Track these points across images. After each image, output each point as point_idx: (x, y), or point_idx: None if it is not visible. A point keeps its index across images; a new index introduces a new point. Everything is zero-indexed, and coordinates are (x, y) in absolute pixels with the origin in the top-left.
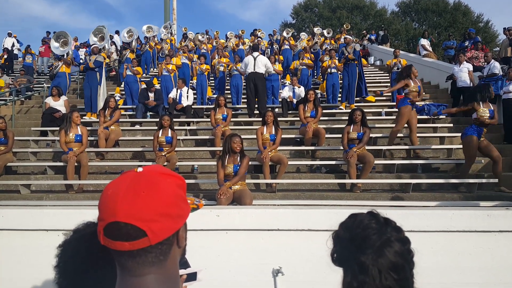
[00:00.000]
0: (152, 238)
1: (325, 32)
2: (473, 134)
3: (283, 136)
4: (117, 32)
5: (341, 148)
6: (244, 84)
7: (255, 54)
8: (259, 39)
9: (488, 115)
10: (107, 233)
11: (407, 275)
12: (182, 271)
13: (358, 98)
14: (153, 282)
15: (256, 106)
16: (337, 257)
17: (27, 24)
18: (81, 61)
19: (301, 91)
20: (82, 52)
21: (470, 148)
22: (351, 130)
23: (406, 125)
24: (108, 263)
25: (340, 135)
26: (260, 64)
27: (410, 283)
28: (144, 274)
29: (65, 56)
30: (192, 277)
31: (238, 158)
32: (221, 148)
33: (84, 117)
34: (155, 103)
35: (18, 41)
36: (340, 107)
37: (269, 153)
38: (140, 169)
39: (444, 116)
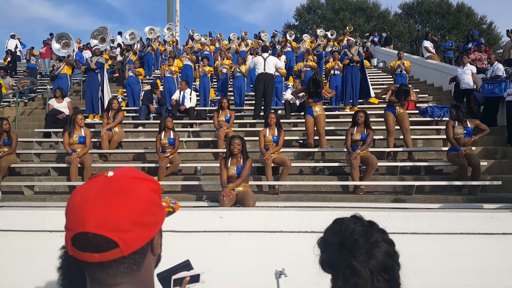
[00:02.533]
0: (125, 248)
1: (328, 34)
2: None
3: (286, 138)
4: (119, 33)
5: (345, 150)
6: (252, 86)
7: (265, 55)
8: (260, 41)
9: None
10: (75, 243)
11: (396, 276)
12: (185, 273)
13: (361, 100)
14: None
15: (262, 107)
16: (326, 262)
17: (31, 26)
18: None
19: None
20: (86, 54)
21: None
22: (354, 132)
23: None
24: None
25: (343, 137)
26: (270, 65)
27: (399, 284)
28: (115, 285)
29: (66, 58)
30: (195, 279)
31: (241, 160)
32: (224, 150)
33: (86, 119)
34: (154, 110)
35: (21, 43)
36: (346, 109)
37: (272, 155)
38: (110, 173)
39: (447, 118)
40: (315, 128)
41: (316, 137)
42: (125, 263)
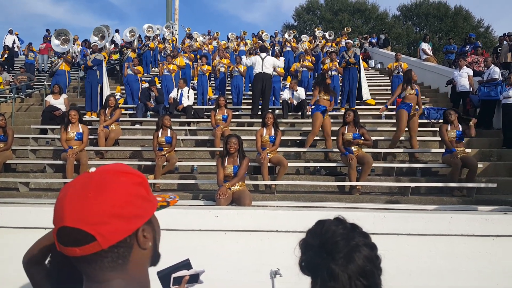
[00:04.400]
0: (103, 242)
1: (326, 34)
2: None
3: (283, 137)
4: (117, 31)
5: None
6: (250, 85)
7: (263, 55)
8: (259, 41)
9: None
10: (58, 238)
11: (376, 281)
12: (185, 272)
13: (358, 101)
14: (118, 287)
15: (260, 107)
16: (306, 265)
17: (30, 22)
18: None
19: (299, 93)
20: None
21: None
22: (346, 132)
23: (406, 129)
24: None
25: (334, 138)
26: (268, 64)
27: None
28: (106, 280)
29: (65, 54)
30: (194, 278)
31: (238, 159)
32: (220, 149)
33: (84, 116)
34: (153, 105)
35: (19, 39)
36: (341, 110)
37: (269, 154)
38: (92, 169)
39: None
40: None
41: (317, 137)
42: (108, 257)
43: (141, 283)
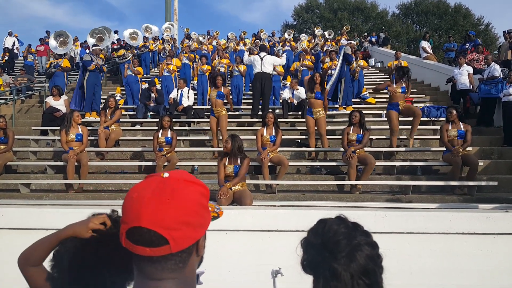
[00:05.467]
0: (174, 246)
1: (326, 33)
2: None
3: (284, 137)
4: (116, 32)
5: (341, 149)
6: (250, 85)
7: (262, 54)
8: (258, 40)
9: None
10: (129, 236)
11: (378, 280)
12: None
13: (358, 100)
14: (171, 287)
15: (260, 106)
16: (308, 264)
17: (29, 24)
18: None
19: (300, 92)
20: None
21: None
22: (350, 132)
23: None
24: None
25: (339, 137)
26: (267, 64)
27: None
28: (163, 279)
29: (63, 56)
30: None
31: (239, 159)
32: (221, 149)
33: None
34: (152, 103)
35: (18, 41)
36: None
37: (269, 154)
38: (166, 175)
39: (444, 119)
40: (316, 130)
41: (318, 137)
42: (173, 260)
43: (192, 285)
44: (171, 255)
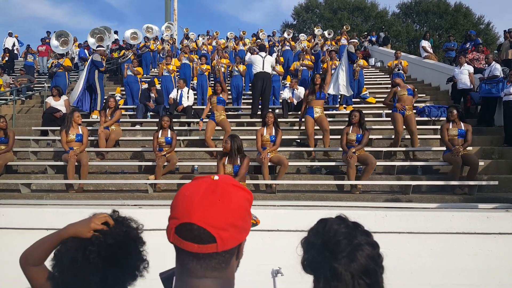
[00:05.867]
0: (220, 245)
1: (326, 33)
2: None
3: (284, 137)
4: (116, 32)
5: (341, 149)
6: (250, 85)
7: (263, 54)
8: (258, 40)
9: None
10: (178, 232)
11: (378, 279)
12: None
13: (358, 100)
14: (212, 285)
15: (259, 106)
16: (308, 264)
17: (29, 25)
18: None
19: (300, 92)
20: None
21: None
22: (350, 132)
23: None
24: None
25: (339, 136)
26: (268, 64)
27: None
28: (205, 277)
29: (64, 56)
30: None
31: (238, 158)
32: (220, 149)
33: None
34: (153, 105)
35: (18, 41)
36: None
37: (269, 154)
38: (216, 178)
39: (444, 118)
40: (318, 128)
41: (318, 136)
42: (217, 259)
43: (231, 286)
44: (216, 254)
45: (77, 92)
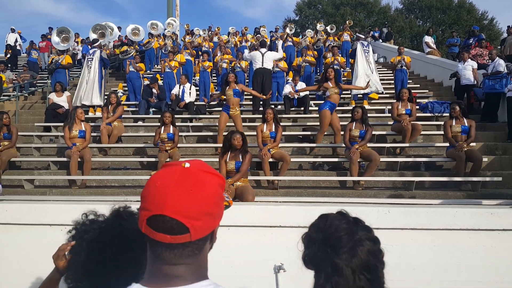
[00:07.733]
0: (194, 235)
1: (328, 28)
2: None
3: (286, 133)
4: (119, 28)
5: (343, 145)
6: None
7: (263, 50)
8: (259, 35)
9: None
10: (150, 223)
11: (379, 275)
12: None
13: (361, 95)
14: (185, 270)
15: (261, 102)
16: (309, 259)
17: (32, 21)
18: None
19: (301, 86)
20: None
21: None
22: (353, 128)
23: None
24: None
25: (342, 133)
26: (267, 60)
27: (382, 283)
28: (179, 264)
29: (65, 52)
30: None
31: (240, 155)
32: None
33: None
34: (155, 101)
35: (21, 37)
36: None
37: (271, 150)
38: (187, 165)
39: (447, 114)
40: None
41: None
42: (190, 247)
43: (204, 270)
44: (189, 243)
45: (94, 91)
